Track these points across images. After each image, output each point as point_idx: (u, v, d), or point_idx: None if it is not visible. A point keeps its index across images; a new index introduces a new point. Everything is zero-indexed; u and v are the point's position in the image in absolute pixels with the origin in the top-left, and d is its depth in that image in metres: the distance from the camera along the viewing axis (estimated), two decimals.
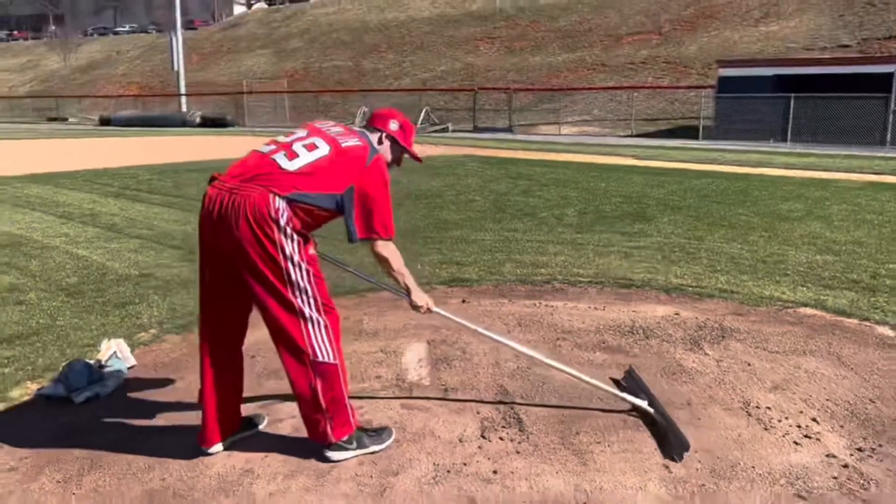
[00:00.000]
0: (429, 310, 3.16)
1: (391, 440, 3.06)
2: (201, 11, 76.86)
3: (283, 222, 2.72)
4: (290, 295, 2.76)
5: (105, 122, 44.10)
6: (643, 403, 3.29)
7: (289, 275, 2.75)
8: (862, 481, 2.82)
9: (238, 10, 78.57)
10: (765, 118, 24.06)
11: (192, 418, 3.28)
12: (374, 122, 3.14)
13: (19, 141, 27.39)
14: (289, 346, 2.82)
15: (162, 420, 3.39)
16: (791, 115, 23.73)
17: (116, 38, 75.51)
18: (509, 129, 32.01)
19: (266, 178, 2.77)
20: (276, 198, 2.72)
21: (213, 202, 2.78)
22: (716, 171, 15.24)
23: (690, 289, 5.75)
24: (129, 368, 3.97)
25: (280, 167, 2.80)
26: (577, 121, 32.16)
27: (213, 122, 39.15)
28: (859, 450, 3.07)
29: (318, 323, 2.82)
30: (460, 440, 3.09)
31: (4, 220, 9.03)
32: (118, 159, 17.95)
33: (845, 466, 2.92)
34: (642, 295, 5.57)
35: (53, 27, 79.75)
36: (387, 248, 2.96)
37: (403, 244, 3.16)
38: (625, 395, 3.37)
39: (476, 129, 33.33)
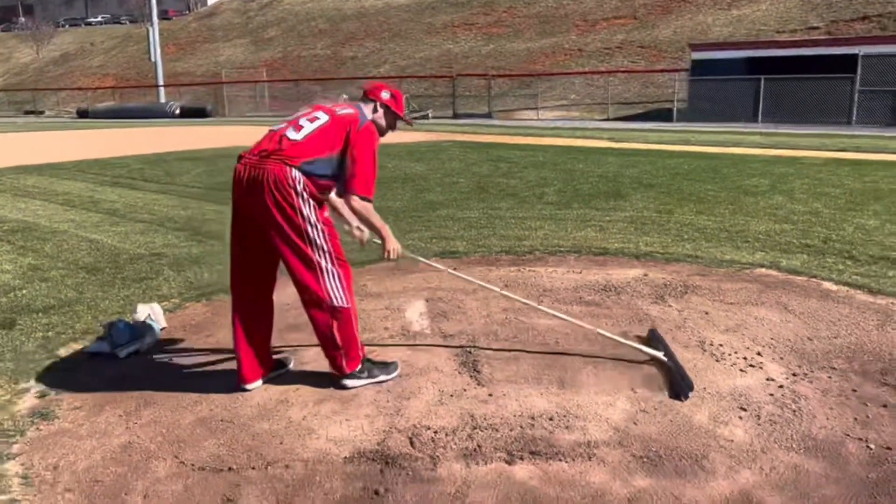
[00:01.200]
0: (398, 253, 3.58)
1: (397, 372, 3.63)
2: (175, 1, 76.29)
3: (299, 188, 3.27)
4: (308, 251, 3.31)
5: (83, 114, 43.92)
6: (659, 354, 3.73)
7: (307, 233, 3.30)
8: (794, 397, 3.41)
9: None
10: (736, 99, 24.79)
11: (227, 364, 3.81)
12: (367, 94, 3.60)
13: (3, 134, 27.42)
14: (309, 294, 3.37)
15: (200, 367, 3.90)
16: (761, 96, 24.49)
17: (89, 28, 74.79)
18: (489, 115, 32.50)
19: (280, 152, 3.32)
20: (292, 169, 3.27)
21: (242, 175, 3.34)
22: (688, 151, 15.89)
23: (659, 255, 6.34)
24: (161, 329, 4.47)
25: (289, 139, 3.35)
26: (556, 105, 32.72)
27: (193, 113, 39.19)
28: (794, 374, 3.67)
29: (333, 273, 3.37)
30: (460, 373, 3.65)
31: (9, 208, 9.42)
32: (105, 150, 18.22)
33: (781, 387, 3.52)
34: (616, 261, 6.15)
35: (23, 18, 78.66)
36: (362, 205, 3.39)
37: (396, 222, 3.71)
38: (641, 346, 3.85)
39: (456, 116, 33.78)
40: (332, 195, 3.52)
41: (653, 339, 4.04)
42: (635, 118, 28.80)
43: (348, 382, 3.49)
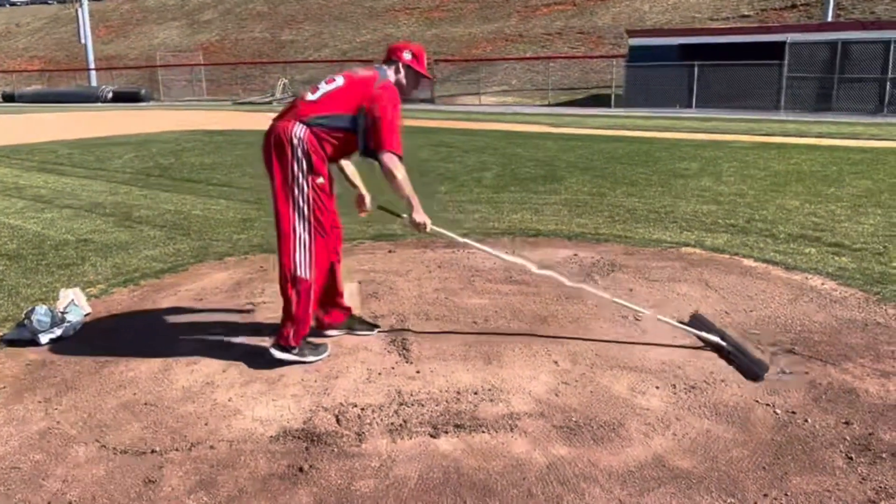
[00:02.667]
0: (425, 228, 3.59)
1: (326, 353, 3.65)
2: None
3: (295, 143, 3.32)
4: (289, 210, 3.38)
5: (8, 98, 42.06)
6: (717, 338, 3.66)
7: (293, 192, 3.35)
8: (710, 367, 3.56)
9: None
10: (671, 85, 25.36)
11: (152, 348, 3.76)
12: (389, 56, 3.60)
13: None
14: (281, 256, 3.43)
15: (123, 352, 3.83)
16: (695, 82, 25.11)
17: (14, 9, 71.43)
18: (431, 100, 32.45)
19: (292, 111, 3.42)
20: (296, 124, 3.35)
21: (263, 137, 3.44)
22: (623, 136, 16.22)
23: (590, 235, 6.48)
24: (84, 315, 4.36)
25: (305, 101, 3.43)
26: (497, 91, 32.88)
27: (126, 97, 37.96)
28: (707, 343, 3.82)
29: (304, 243, 3.40)
30: (389, 352, 3.69)
31: None
32: (31, 135, 17.53)
33: (697, 357, 3.67)
34: (548, 242, 6.26)
35: None
36: (393, 162, 3.36)
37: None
38: (700, 332, 3.75)
39: None
40: (345, 161, 3.59)
41: (702, 324, 3.88)
42: (575, 104, 29.18)
43: (274, 352, 3.51)
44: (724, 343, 3.59)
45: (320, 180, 3.43)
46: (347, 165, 3.78)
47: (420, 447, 2.82)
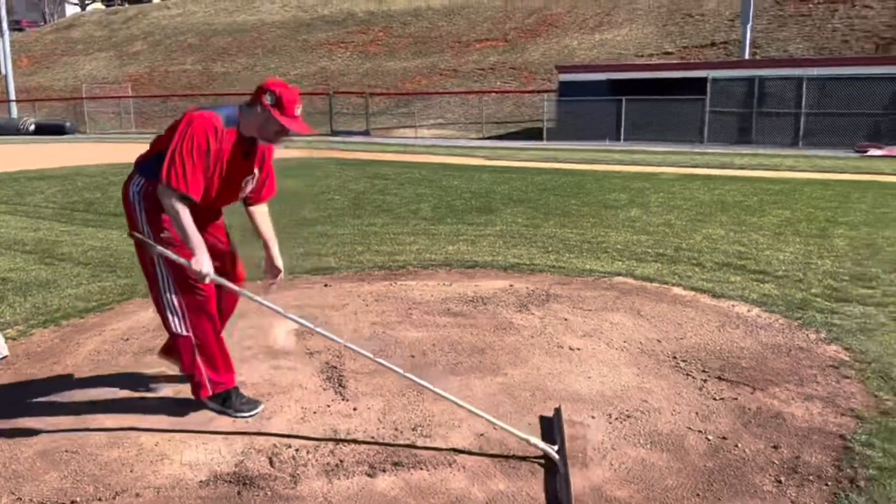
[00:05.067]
0: (204, 279, 3.06)
1: (257, 411, 3.36)
2: (29, 11, 71.31)
3: (134, 198, 3.13)
4: (152, 271, 3.17)
5: None
6: (552, 451, 2.96)
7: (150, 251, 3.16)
8: (643, 396, 3.62)
9: (71, 10, 73.58)
10: (600, 119, 26.13)
11: (74, 393, 3.58)
12: (254, 93, 3.13)
13: None
14: (158, 314, 3.25)
15: (43, 396, 3.64)
16: (623, 116, 25.95)
17: None
18: (366, 133, 32.52)
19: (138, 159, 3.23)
20: (134, 175, 3.18)
21: None
22: (556, 168, 16.57)
23: (525, 266, 6.56)
24: (2, 359, 4.13)
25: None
26: (433, 124, 33.20)
27: (49, 130, 36.63)
28: (643, 374, 3.89)
29: (171, 299, 3.17)
30: (324, 389, 3.62)
31: None
32: None
33: (630, 386, 3.72)
34: (484, 273, 6.30)
35: None
36: (166, 196, 2.96)
37: None
38: (536, 441, 3.01)
39: (333, 133, 33.55)
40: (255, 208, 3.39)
41: (555, 422, 3.29)
42: (508, 137, 29.71)
43: (207, 403, 3.37)
44: (556, 457, 2.93)
45: (164, 234, 3.11)
46: (257, 214, 3.46)
47: (357, 487, 2.76)
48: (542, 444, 2.97)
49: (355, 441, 3.10)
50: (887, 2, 29.02)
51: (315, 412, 3.37)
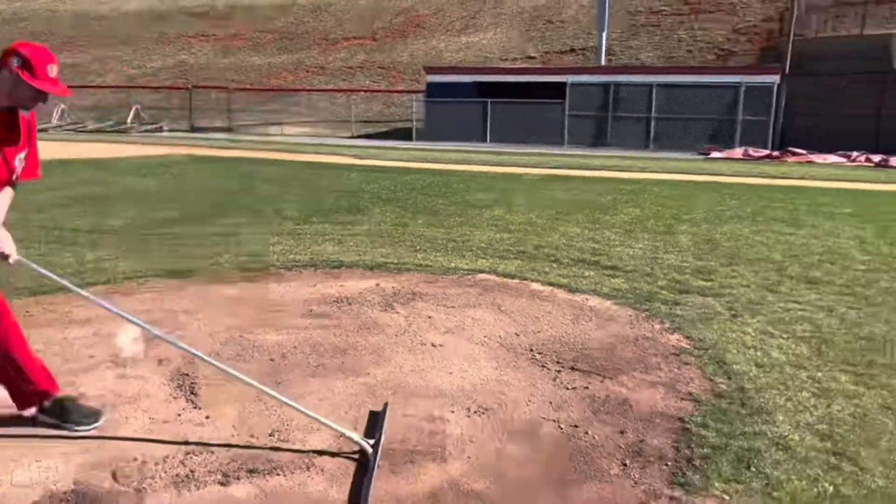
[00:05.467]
0: (7, 258, 2.91)
1: (99, 423, 3.15)
2: None
3: None
4: None
5: None
6: (367, 446, 2.96)
7: None
8: (501, 389, 3.72)
9: None
10: (467, 120, 26.72)
11: None
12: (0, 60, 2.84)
13: None
14: None
15: None
16: (489, 118, 26.66)
17: None
18: (229, 129, 31.41)
19: None
20: None
21: None
22: (424, 168, 16.74)
23: (392, 265, 6.56)
24: None
25: None
26: (300, 122, 32.59)
27: None
28: (502, 367, 4.00)
29: None
30: (175, 398, 3.45)
31: None
32: None
33: (490, 380, 3.82)
34: (350, 273, 6.25)
35: None
36: None
37: (116, 242, 3.40)
38: (352, 434, 3.01)
39: (193, 129, 32.15)
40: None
41: (380, 417, 3.28)
42: (378, 136, 29.70)
43: (40, 417, 3.12)
44: (369, 452, 2.93)
45: None
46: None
47: (210, 497, 2.65)
48: (356, 438, 2.98)
49: (208, 450, 2.97)
50: (725, 18, 31.58)
51: (165, 422, 3.20)
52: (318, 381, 3.73)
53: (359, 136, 29.93)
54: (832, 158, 20.59)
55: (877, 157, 20.05)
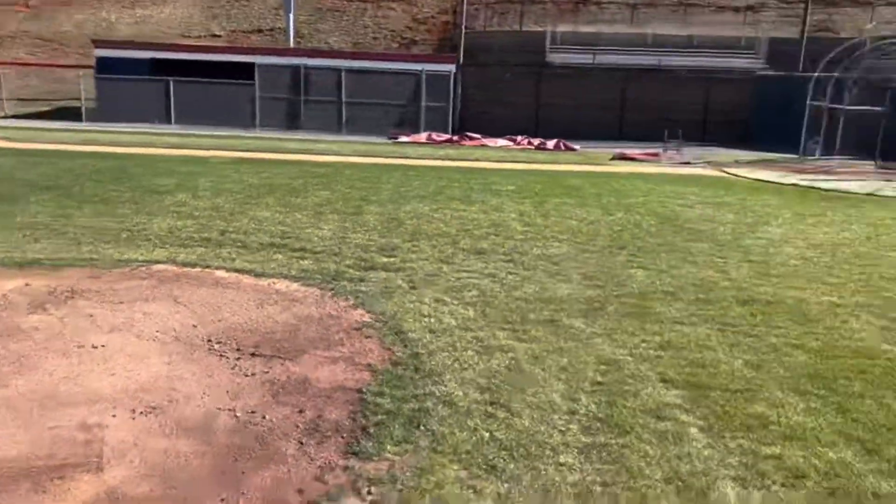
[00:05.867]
0: None
1: None
2: None
3: None
4: None
5: None
6: None
7: None
8: (172, 385, 3.47)
9: None
10: (147, 100, 24.62)
11: None
12: None
13: None
14: None
15: None
16: (172, 98, 24.89)
17: None
18: None
19: None
20: None
21: None
22: (96, 151, 15.06)
23: (48, 261, 5.78)
24: None
25: None
26: None
27: None
28: (171, 362, 3.74)
29: None
30: None
31: None
32: None
33: (164, 377, 3.54)
34: None
35: None
36: None
37: None
38: None
39: None
40: None
41: None
42: (39, 116, 26.03)
43: None
44: None
45: None
46: None
47: None
48: None
49: None
50: (406, 9, 33.32)
51: None
52: None
53: (14, 116, 25.95)
54: (501, 142, 22.95)
55: (536, 141, 22.83)
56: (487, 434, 3.12)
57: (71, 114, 26.28)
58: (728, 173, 14.79)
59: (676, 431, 3.24)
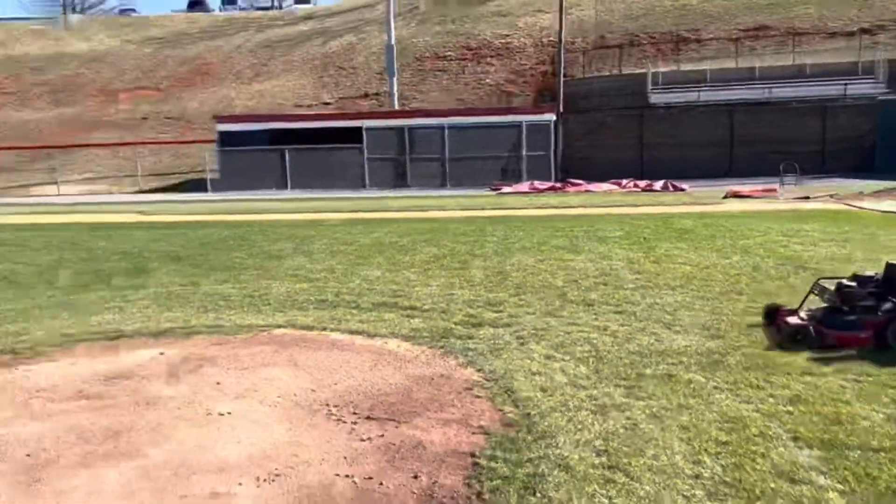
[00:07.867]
0: None
1: None
2: None
3: None
4: None
5: None
6: None
7: None
8: (295, 450, 3.58)
9: None
10: (265, 168, 26.20)
11: None
12: None
13: None
14: None
15: None
16: (287, 165, 26.33)
17: None
18: None
19: None
20: None
21: None
22: (220, 220, 16.07)
23: (179, 330, 6.16)
24: None
25: None
26: (79, 179, 30.09)
27: None
28: (296, 429, 3.87)
29: None
30: None
31: None
32: None
33: (285, 442, 3.67)
34: (131, 343, 5.77)
35: None
36: None
37: None
38: None
39: None
40: None
41: None
42: (169, 189, 28.18)
43: None
44: None
45: None
46: None
47: None
48: None
49: None
50: (504, 62, 33.94)
51: None
52: (86, 472, 3.36)
53: (148, 191, 28.20)
54: (605, 186, 22.67)
55: (643, 183, 22.38)
56: (607, 501, 3.01)
57: (197, 185, 28.25)
58: (853, 206, 13.92)
59: (813, 497, 3.01)
